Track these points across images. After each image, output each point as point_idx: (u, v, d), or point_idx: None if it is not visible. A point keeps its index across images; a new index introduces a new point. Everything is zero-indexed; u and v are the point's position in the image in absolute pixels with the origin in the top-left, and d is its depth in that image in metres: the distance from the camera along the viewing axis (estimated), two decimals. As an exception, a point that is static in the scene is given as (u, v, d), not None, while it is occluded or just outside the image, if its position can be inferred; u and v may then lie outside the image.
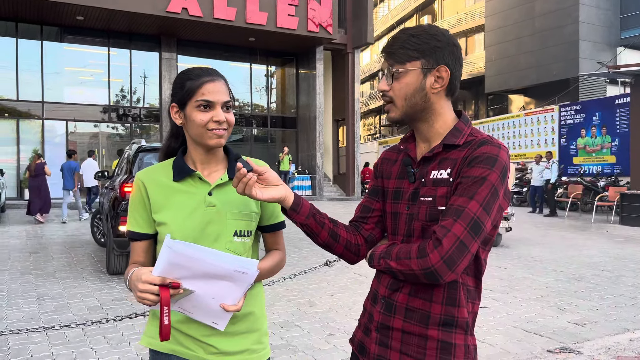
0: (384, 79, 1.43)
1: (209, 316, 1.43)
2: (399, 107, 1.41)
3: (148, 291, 1.30)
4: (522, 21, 27.94)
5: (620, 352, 4.09)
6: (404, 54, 1.37)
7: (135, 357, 3.97)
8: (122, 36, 19.29)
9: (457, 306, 1.36)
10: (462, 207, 1.26)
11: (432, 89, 1.38)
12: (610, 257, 8.42)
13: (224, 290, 1.38)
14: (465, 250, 1.24)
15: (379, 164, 1.60)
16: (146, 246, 1.57)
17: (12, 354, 4.04)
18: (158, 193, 1.53)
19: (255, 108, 22.56)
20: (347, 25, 21.98)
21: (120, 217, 6.34)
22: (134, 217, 1.56)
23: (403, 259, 1.31)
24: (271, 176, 1.41)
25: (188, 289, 1.34)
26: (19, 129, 18.06)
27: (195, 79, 1.50)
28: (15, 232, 11.07)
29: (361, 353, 1.49)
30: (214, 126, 1.49)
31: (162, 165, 1.60)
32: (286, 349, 4.17)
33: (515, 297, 5.81)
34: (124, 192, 6.48)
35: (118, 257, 6.61)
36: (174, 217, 1.50)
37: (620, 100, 17.67)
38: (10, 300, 5.60)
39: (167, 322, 1.31)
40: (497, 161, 1.30)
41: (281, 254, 1.68)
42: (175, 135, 1.64)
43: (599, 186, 15.71)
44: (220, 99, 1.50)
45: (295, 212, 1.42)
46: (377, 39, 38.35)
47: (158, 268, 1.30)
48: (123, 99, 19.85)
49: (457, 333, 1.37)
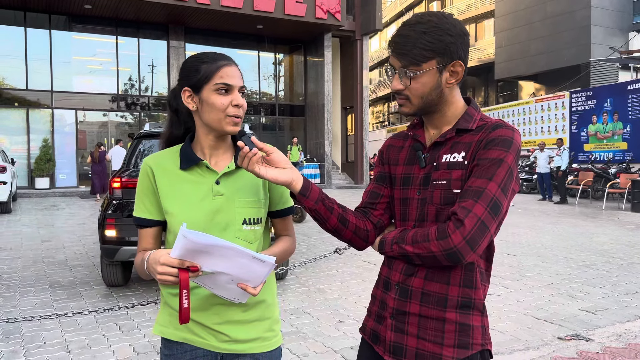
0: (397, 78, 1.39)
1: (229, 293, 1.41)
2: (415, 104, 1.40)
3: (167, 273, 1.29)
4: (533, 6, 27.59)
5: (631, 339, 4.06)
6: (418, 54, 1.33)
7: (146, 344, 4.01)
8: (130, 25, 19.29)
9: (474, 288, 1.37)
10: (481, 188, 1.27)
11: (447, 83, 1.38)
12: (622, 244, 8.36)
13: (243, 275, 1.36)
14: (486, 230, 1.25)
15: (384, 150, 1.59)
16: (155, 233, 1.55)
17: (25, 340, 4.09)
18: (165, 180, 1.52)
19: (263, 96, 22.52)
20: (356, 12, 21.82)
21: (107, 219, 5.17)
22: (142, 203, 1.54)
23: (421, 242, 1.31)
24: (278, 157, 1.39)
25: (207, 271, 1.33)
26: (29, 119, 18.17)
27: (211, 62, 1.48)
28: (27, 220, 11.18)
29: (374, 342, 1.48)
30: (234, 111, 1.47)
31: (169, 151, 1.57)
32: (296, 336, 4.19)
33: (526, 285, 5.79)
34: (113, 188, 5.32)
35: (109, 266, 5.51)
36: (181, 206, 1.48)
37: (633, 86, 17.45)
38: (23, 288, 5.66)
39: (187, 305, 1.30)
40: (513, 144, 1.32)
41: (291, 240, 1.67)
42: (177, 122, 1.61)
43: (610, 173, 15.57)
44: (238, 83, 1.49)
45: (304, 197, 1.41)
46: (386, 26, 38.03)
47: (175, 251, 1.28)
48: (131, 87, 19.88)
49: (475, 315, 1.38)
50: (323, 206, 1.43)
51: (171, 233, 1.51)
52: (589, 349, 3.86)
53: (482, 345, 1.38)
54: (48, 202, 15.15)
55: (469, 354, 1.35)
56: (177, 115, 1.60)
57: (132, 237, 5.08)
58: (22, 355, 3.78)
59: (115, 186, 5.30)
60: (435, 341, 1.35)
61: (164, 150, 1.59)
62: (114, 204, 5.24)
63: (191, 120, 1.57)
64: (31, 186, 17.77)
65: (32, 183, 17.81)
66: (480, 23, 33.49)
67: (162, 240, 1.59)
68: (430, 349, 1.35)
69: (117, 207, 5.20)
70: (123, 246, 5.05)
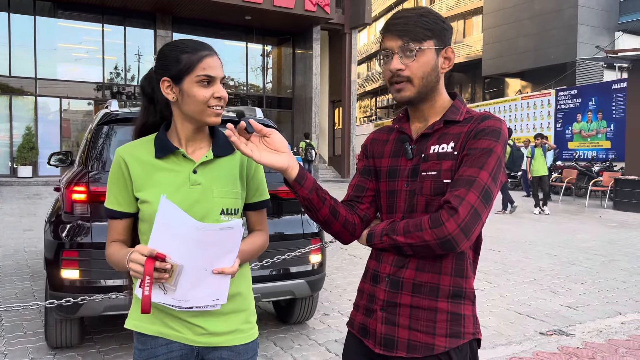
0: (396, 58, 1.38)
1: (207, 293, 1.40)
2: (416, 86, 1.39)
3: (136, 261, 1.31)
4: (521, 4, 27.74)
5: (611, 335, 4.12)
6: (420, 32, 1.36)
7: (128, 334, 3.98)
8: (117, 12, 19.05)
9: (464, 277, 1.39)
10: (473, 176, 1.30)
11: (442, 68, 1.41)
12: (603, 241, 8.47)
13: (216, 256, 1.37)
14: (478, 218, 1.28)
15: (368, 144, 1.59)
16: (126, 224, 1.53)
17: (6, 330, 4.04)
18: (139, 170, 1.48)
19: (250, 88, 22.41)
20: (345, 5, 21.77)
21: (63, 252, 3.22)
22: (114, 195, 1.51)
23: (413, 232, 1.31)
24: (276, 139, 1.36)
25: (177, 263, 1.33)
26: (12, 106, 17.89)
27: (192, 52, 1.44)
28: (8, 209, 11.02)
29: (364, 336, 1.46)
30: (215, 103, 1.45)
31: (143, 141, 1.54)
32: (281, 329, 4.19)
33: (509, 280, 5.84)
34: (72, 201, 3.30)
35: (63, 323, 3.49)
36: (157, 195, 1.42)
37: (617, 86, 17.65)
38: (5, 277, 5.58)
39: (148, 292, 1.30)
40: (501, 134, 1.36)
41: (264, 235, 1.64)
42: (153, 111, 1.56)
43: (593, 171, 15.75)
44: (220, 74, 1.46)
45: (299, 185, 1.38)
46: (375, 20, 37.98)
47: (152, 235, 1.32)
48: (117, 76, 19.67)
49: (466, 304, 1.40)
50: (316, 196, 1.41)
51: (145, 222, 1.48)
52: (570, 344, 3.91)
53: (473, 335, 1.40)
54: (30, 190, 14.95)
55: (461, 343, 1.36)
56: (153, 104, 1.56)
57: (109, 280, 3.21)
58: (3, 345, 3.73)
59: (76, 199, 3.30)
60: (427, 331, 1.36)
61: (137, 140, 1.55)
62: (76, 226, 3.29)
63: (167, 110, 1.53)
64: (13, 175, 17.53)
65: (14, 171, 17.57)
66: (469, 19, 33.61)
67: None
68: (423, 339, 1.35)
69: (79, 231, 3.29)
70: (92, 294, 2.92)
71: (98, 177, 3.38)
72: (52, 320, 3.50)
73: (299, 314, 4.14)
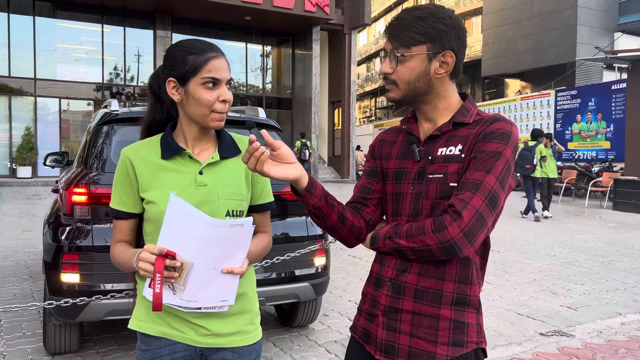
0: (387, 61, 1.38)
1: (215, 294, 1.39)
2: (401, 90, 1.38)
3: (146, 260, 1.31)
4: (521, 4, 27.74)
5: (611, 335, 4.12)
6: (409, 37, 1.33)
7: (127, 335, 3.97)
8: (116, 13, 19.04)
9: (469, 284, 1.35)
10: (479, 180, 1.25)
11: (437, 74, 1.36)
12: (603, 242, 8.47)
13: (226, 255, 1.36)
14: (483, 223, 1.23)
15: (376, 145, 1.56)
16: (132, 225, 1.53)
17: (5, 331, 4.03)
18: (145, 171, 1.48)
19: (250, 88, 22.40)
20: (344, 6, 21.77)
21: (63, 255, 3.14)
22: (119, 195, 1.50)
23: (416, 236, 1.28)
24: (285, 152, 1.30)
25: (187, 261, 1.33)
26: (11, 106, 17.88)
27: (199, 53, 1.43)
28: (7, 209, 11.01)
29: (366, 341, 1.44)
30: (220, 107, 1.43)
31: (149, 141, 1.53)
32: (280, 329, 4.18)
33: (509, 281, 5.84)
34: (72, 202, 3.24)
35: (62, 328, 3.44)
36: (163, 196, 1.43)
37: (617, 86, 17.64)
38: (4, 278, 5.57)
39: (159, 290, 1.29)
40: (511, 137, 1.31)
41: (268, 237, 1.63)
42: (160, 110, 1.56)
43: (593, 171, 15.74)
44: (226, 76, 1.45)
45: (310, 194, 1.34)
46: (375, 20, 38.03)
47: (161, 233, 1.32)
48: (117, 77, 19.65)
49: (470, 312, 1.35)
50: (326, 203, 1.37)
51: (151, 222, 1.48)
52: (570, 344, 3.91)
53: (477, 344, 1.35)
54: (30, 191, 14.94)
55: (464, 352, 1.32)
56: (160, 103, 1.55)
57: (110, 284, 3.08)
58: (1, 346, 3.72)
59: (77, 200, 3.23)
60: (428, 339, 1.32)
61: (143, 140, 1.55)
62: (76, 229, 3.22)
63: (174, 109, 1.53)
64: (13, 175, 17.51)
65: (13, 172, 17.55)
66: (468, 20, 33.60)
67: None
68: (424, 347, 1.32)
69: (79, 233, 3.20)
70: (94, 298, 2.89)
71: (98, 178, 3.34)
72: (50, 325, 3.44)
73: (302, 318, 4.11)
